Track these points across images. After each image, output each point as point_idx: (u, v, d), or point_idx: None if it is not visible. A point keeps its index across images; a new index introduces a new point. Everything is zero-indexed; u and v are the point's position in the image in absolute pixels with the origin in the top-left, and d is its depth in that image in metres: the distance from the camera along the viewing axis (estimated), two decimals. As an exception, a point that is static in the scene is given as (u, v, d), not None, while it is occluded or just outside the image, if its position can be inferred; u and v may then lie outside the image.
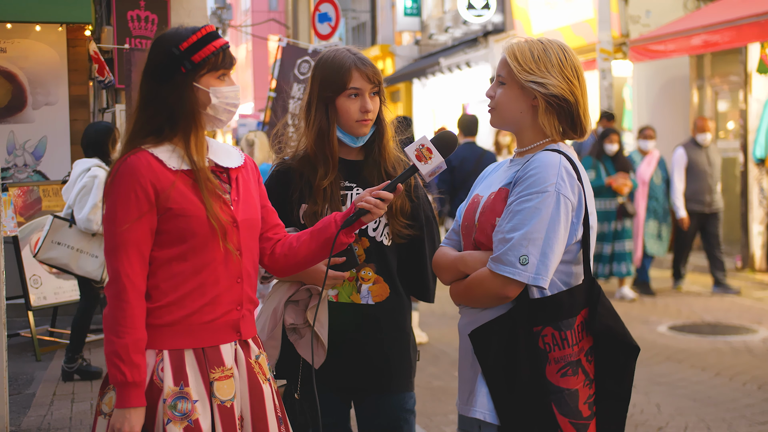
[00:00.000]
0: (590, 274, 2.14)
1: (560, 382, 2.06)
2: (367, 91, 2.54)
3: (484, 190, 2.26)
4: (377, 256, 2.56)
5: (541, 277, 2.04)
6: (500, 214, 2.12)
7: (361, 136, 2.57)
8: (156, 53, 2.18)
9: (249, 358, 2.22)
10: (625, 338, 2.11)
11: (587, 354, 2.10)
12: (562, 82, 2.12)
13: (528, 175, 2.08)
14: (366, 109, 2.53)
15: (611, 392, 2.11)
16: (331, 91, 2.53)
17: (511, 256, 2.03)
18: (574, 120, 2.16)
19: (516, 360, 2.06)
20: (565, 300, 2.08)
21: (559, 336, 2.05)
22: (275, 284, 2.62)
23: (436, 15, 18.88)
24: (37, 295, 6.16)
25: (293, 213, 2.57)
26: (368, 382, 2.57)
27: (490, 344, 2.09)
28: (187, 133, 2.15)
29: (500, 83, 2.20)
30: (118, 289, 2.08)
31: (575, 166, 2.12)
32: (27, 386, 5.45)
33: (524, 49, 2.15)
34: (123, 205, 2.10)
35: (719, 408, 4.99)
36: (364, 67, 2.53)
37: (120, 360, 2.05)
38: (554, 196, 2.05)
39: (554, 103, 2.13)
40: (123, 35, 7.58)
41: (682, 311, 7.90)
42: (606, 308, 2.11)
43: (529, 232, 2.03)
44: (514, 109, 2.18)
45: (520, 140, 2.23)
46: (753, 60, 9.81)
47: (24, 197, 6.38)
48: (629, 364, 2.11)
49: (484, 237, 2.15)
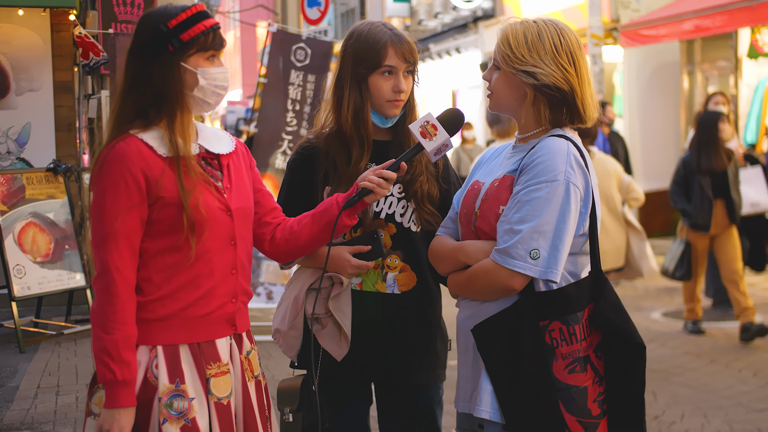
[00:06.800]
0: (597, 266, 2.06)
1: (568, 379, 1.98)
2: (402, 69, 2.40)
3: (485, 177, 2.17)
4: (405, 243, 2.42)
5: (552, 270, 1.96)
6: (505, 202, 2.03)
7: (392, 117, 2.44)
8: (143, 30, 2.08)
9: (240, 354, 2.15)
10: (626, 335, 2.01)
11: (596, 350, 2.02)
12: (556, 71, 2.03)
13: (535, 163, 1.99)
14: (399, 89, 2.39)
15: (621, 393, 2.02)
16: (365, 67, 2.39)
17: (520, 249, 1.95)
18: (570, 108, 2.07)
19: (521, 356, 1.98)
20: (572, 293, 2.00)
21: (567, 330, 1.98)
22: (296, 271, 2.49)
23: (426, 1, 18.73)
24: (21, 285, 6.04)
25: (317, 195, 2.44)
26: (391, 376, 2.44)
27: (494, 340, 2.01)
28: (172, 116, 2.06)
29: (495, 68, 2.12)
30: (107, 283, 1.99)
31: (582, 153, 2.04)
32: (10, 379, 5.34)
33: (518, 33, 2.06)
34: (112, 194, 2.01)
35: (716, 395, 4.96)
36: (401, 44, 2.39)
37: (109, 357, 1.96)
38: (564, 185, 1.97)
39: (546, 92, 2.04)
40: (108, 20, 7.44)
41: (675, 297, 7.87)
42: (609, 302, 2.03)
43: (540, 224, 1.95)
44: (509, 95, 2.10)
45: (520, 126, 2.15)
46: (743, 45, 9.79)
47: (7, 185, 6.24)
48: (636, 363, 2.01)
49: (486, 225, 2.07)
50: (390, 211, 2.43)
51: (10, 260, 6.00)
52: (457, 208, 2.23)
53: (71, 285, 6.38)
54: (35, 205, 6.30)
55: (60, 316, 6.76)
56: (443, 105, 17.55)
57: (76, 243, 6.43)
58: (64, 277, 6.33)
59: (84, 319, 6.63)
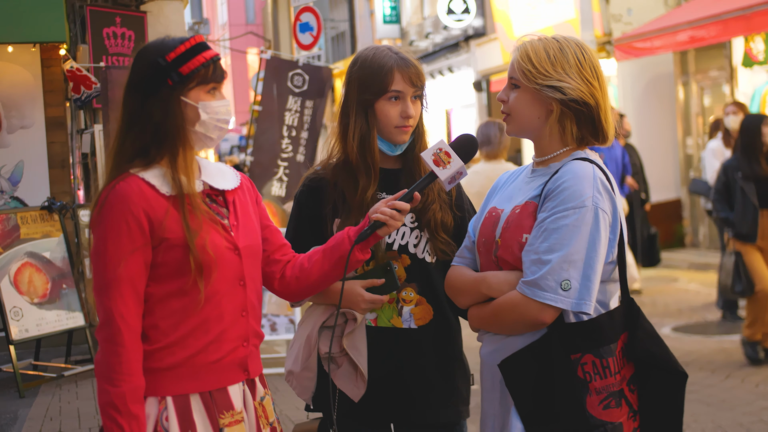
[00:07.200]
0: (628, 295, 1.96)
1: (602, 415, 1.87)
2: (409, 94, 2.32)
3: (503, 203, 2.07)
4: (420, 275, 2.32)
5: (585, 302, 1.86)
6: (528, 230, 1.94)
7: (400, 143, 2.35)
8: (140, 64, 1.99)
9: (254, 400, 2.04)
10: (669, 364, 1.92)
11: (629, 383, 1.91)
12: (582, 84, 1.95)
13: (561, 188, 1.89)
14: (407, 115, 2.31)
15: (659, 426, 1.92)
16: (371, 93, 2.31)
17: (550, 281, 1.85)
18: (595, 125, 1.99)
19: (553, 391, 1.87)
20: (605, 323, 1.90)
21: (600, 364, 1.87)
22: (308, 309, 2.38)
23: (416, 21, 18.77)
24: (19, 327, 5.90)
25: (327, 228, 2.34)
26: (411, 415, 2.32)
27: (523, 375, 1.91)
28: (174, 154, 1.97)
29: (513, 86, 2.03)
30: (111, 332, 1.90)
31: (607, 176, 1.95)
32: (11, 426, 5.17)
33: (538, 49, 1.98)
34: (114, 237, 1.91)
35: (735, 412, 4.84)
36: (407, 68, 2.31)
37: (116, 412, 1.87)
38: (592, 211, 1.87)
39: (573, 107, 1.96)
40: (99, 53, 7.38)
41: (683, 311, 7.77)
42: (646, 332, 1.93)
43: (569, 254, 1.85)
44: (530, 115, 2.00)
45: (539, 148, 2.05)
46: (738, 54, 9.77)
47: (1, 225, 6.13)
48: (677, 393, 1.92)
49: (509, 255, 1.97)
50: (403, 242, 2.33)
51: (6, 302, 5.87)
52: (474, 236, 2.13)
53: (70, 325, 6.25)
54: (31, 244, 6.19)
55: (60, 357, 6.62)
56: (437, 125, 17.51)
57: (74, 281, 6.32)
58: (62, 317, 6.20)
59: (85, 359, 6.49)
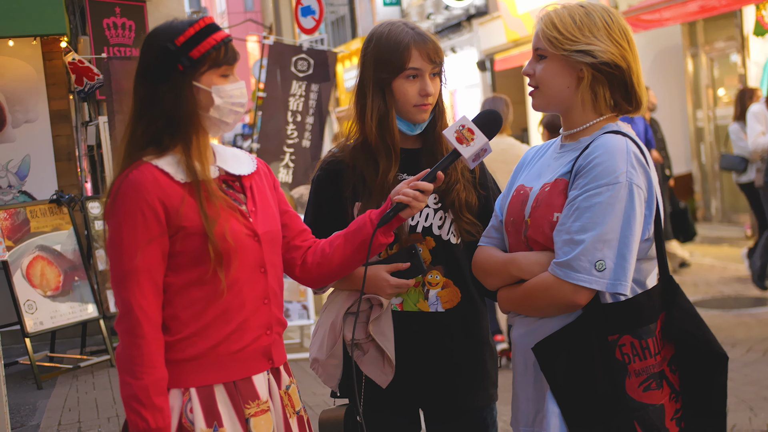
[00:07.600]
0: (667, 273, 1.88)
1: (643, 398, 1.81)
2: (428, 71, 2.23)
3: (531, 181, 2.00)
4: (445, 257, 2.25)
5: (621, 283, 1.79)
6: (559, 208, 1.86)
7: (420, 122, 2.27)
8: (149, 51, 1.92)
9: (279, 389, 2.00)
10: (708, 345, 1.85)
11: (670, 363, 1.85)
12: (611, 47, 1.87)
13: (593, 164, 1.82)
14: (426, 92, 2.22)
15: (701, 408, 1.85)
16: (387, 72, 2.22)
17: (584, 261, 1.78)
18: (627, 89, 1.92)
19: (591, 374, 1.80)
20: (643, 303, 1.82)
21: (639, 345, 1.80)
22: (331, 294, 2.32)
23: (417, 2, 18.61)
24: (33, 320, 5.88)
25: (347, 212, 2.27)
26: (439, 400, 2.27)
27: (558, 358, 1.84)
28: (188, 140, 1.91)
29: (539, 57, 1.94)
30: (131, 324, 1.84)
31: (641, 149, 1.87)
32: (30, 417, 5.17)
33: (563, 15, 1.90)
34: (129, 228, 1.85)
35: (758, 386, 4.78)
36: (425, 45, 2.22)
37: (140, 404, 1.82)
38: (626, 188, 1.79)
39: (606, 71, 1.88)
40: (100, 44, 7.30)
41: (699, 286, 7.70)
42: (684, 311, 1.85)
43: (603, 233, 1.77)
44: (559, 84, 1.92)
45: (569, 120, 1.97)
46: (749, 23, 9.61)
47: (11, 220, 6.09)
48: (718, 374, 1.85)
49: (540, 235, 1.90)
50: (427, 223, 2.26)
51: (20, 296, 5.85)
52: (501, 216, 2.06)
53: (84, 317, 6.23)
54: (41, 237, 6.16)
55: (75, 349, 6.63)
56: (442, 106, 17.39)
57: (86, 273, 6.30)
58: (76, 309, 6.19)
59: (100, 350, 6.49)
